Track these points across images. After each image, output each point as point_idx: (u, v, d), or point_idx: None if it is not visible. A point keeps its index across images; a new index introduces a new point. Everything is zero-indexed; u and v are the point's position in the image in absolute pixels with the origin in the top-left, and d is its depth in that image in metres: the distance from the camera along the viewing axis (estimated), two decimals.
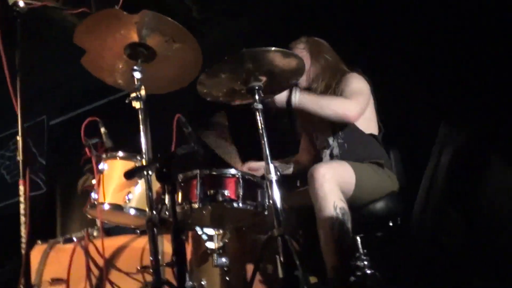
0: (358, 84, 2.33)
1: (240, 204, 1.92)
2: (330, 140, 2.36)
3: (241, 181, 1.95)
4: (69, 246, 2.21)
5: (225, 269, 2.06)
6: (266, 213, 2.02)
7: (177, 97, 2.29)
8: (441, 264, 1.52)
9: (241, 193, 1.93)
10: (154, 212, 1.68)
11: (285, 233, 1.63)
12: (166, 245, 2.13)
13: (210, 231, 2.13)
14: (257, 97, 1.88)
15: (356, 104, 2.25)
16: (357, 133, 2.33)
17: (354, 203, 2.05)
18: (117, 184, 2.07)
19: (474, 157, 1.26)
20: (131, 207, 2.03)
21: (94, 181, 2.12)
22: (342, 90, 2.31)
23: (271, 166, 1.75)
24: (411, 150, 2.64)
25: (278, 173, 1.81)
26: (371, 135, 2.37)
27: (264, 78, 1.95)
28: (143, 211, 2.03)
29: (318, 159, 2.40)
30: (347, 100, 2.24)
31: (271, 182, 1.73)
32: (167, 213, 1.99)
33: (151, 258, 1.58)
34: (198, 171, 1.96)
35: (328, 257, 1.86)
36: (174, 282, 1.51)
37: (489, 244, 1.36)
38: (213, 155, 2.48)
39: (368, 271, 2.23)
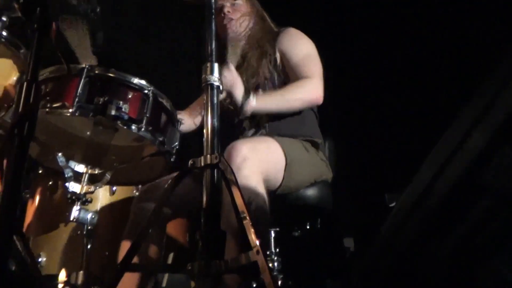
0: (305, 46, 1.77)
1: (142, 130, 1.24)
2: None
3: (150, 99, 1.29)
4: None
5: (89, 227, 1.29)
6: (172, 159, 1.37)
7: None
8: None
9: (147, 115, 1.27)
10: None
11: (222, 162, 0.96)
12: None
13: (79, 167, 1.37)
14: None
15: (317, 79, 1.70)
16: None
17: (282, 192, 1.47)
18: None
19: None
20: None
21: None
22: (289, 58, 1.72)
23: (215, 66, 1.08)
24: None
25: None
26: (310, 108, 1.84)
27: None
28: None
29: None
30: (307, 80, 1.67)
31: (211, 86, 1.05)
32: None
33: None
34: (86, 66, 1.24)
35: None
36: None
37: None
38: None
39: (279, 276, 1.70)
